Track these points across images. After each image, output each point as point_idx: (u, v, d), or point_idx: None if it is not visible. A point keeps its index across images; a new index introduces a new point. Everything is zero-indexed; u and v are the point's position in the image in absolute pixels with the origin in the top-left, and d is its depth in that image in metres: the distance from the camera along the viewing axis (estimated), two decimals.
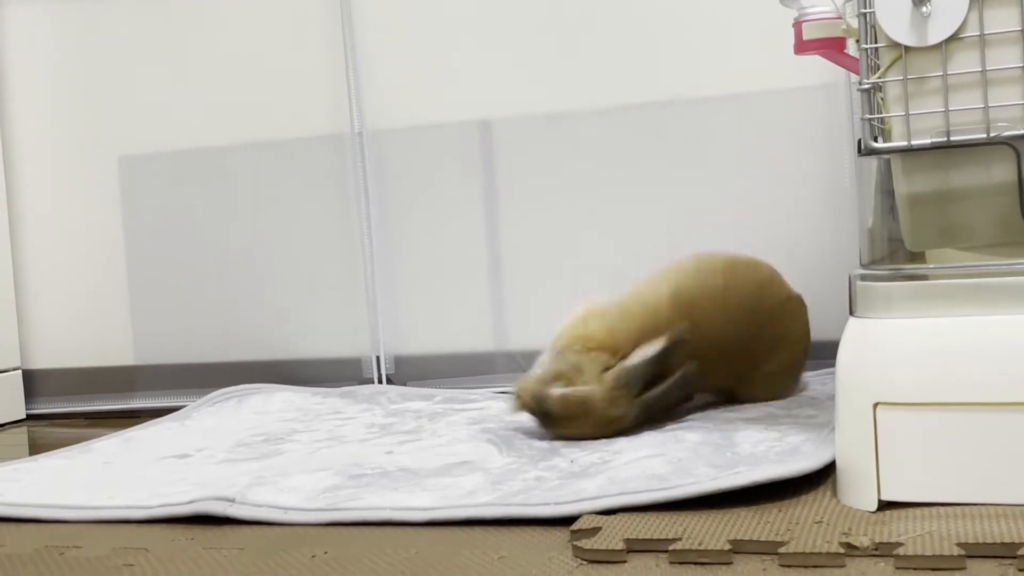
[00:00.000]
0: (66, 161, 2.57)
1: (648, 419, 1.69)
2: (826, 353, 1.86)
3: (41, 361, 2.59)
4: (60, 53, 2.55)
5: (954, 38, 1.27)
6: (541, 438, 1.72)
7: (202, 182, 2.48)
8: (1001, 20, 1.25)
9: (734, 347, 1.79)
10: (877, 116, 1.32)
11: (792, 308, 1.89)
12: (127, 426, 2.14)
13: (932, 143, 1.28)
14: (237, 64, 2.45)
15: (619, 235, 2.24)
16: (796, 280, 1.91)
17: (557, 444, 1.67)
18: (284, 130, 2.42)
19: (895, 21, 1.28)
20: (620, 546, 1.19)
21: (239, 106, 2.45)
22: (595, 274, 2.24)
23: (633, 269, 2.21)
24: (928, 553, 1.10)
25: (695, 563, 1.16)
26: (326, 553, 1.28)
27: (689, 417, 1.77)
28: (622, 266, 2.23)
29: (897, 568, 1.10)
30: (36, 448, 2.07)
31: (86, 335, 2.57)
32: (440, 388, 2.25)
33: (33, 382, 2.58)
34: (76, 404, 2.55)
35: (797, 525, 1.22)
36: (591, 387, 1.67)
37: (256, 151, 2.44)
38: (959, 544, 1.11)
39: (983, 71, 1.26)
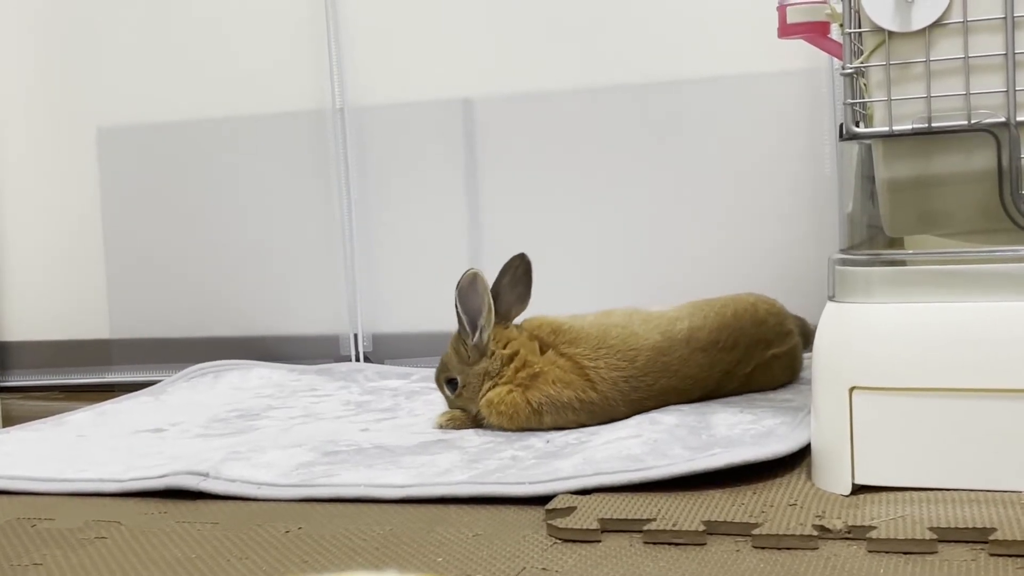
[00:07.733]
0: (44, 132, 2.54)
1: None
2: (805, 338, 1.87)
3: (16, 333, 2.57)
4: (40, 23, 2.52)
5: (938, 24, 1.27)
6: None
7: (181, 155, 2.46)
8: (985, 7, 1.25)
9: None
10: (859, 101, 1.32)
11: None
12: (102, 400, 2.13)
13: (913, 129, 1.28)
14: (219, 38, 2.42)
15: (600, 213, 2.23)
16: (775, 263, 1.90)
17: None
18: (265, 105, 2.40)
19: (879, 6, 1.28)
20: (595, 526, 1.19)
21: (220, 80, 2.43)
22: (576, 252, 2.24)
23: (613, 246, 2.22)
24: (901, 537, 1.11)
25: (669, 543, 1.16)
26: (300, 529, 1.27)
27: None
28: (603, 244, 2.23)
29: (870, 551, 1.11)
30: (9, 421, 2.05)
31: (62, 308, 2.55)
32: (418, 367, 2.25)
33: (7, 354, 2.56)
34: (51, 377, 2.53)
35: (771, 507, 1.22)
36: None
37: (236, 125, 2.42)
38: (931, 528, 1.12)
39: (965, 58, 1.26)
